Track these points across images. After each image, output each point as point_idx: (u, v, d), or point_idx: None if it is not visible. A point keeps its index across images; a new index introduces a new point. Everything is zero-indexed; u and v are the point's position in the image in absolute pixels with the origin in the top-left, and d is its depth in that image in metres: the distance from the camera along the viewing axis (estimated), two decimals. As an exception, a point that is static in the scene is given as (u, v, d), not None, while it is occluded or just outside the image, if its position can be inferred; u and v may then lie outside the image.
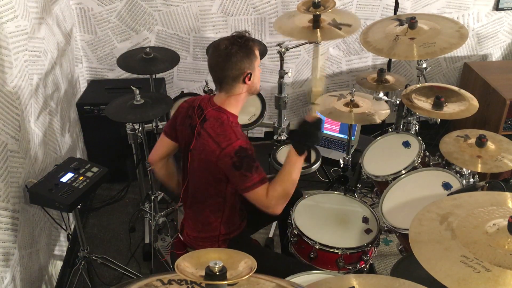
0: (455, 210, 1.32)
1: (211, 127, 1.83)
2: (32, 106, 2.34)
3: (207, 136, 1.82)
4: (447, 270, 1.13)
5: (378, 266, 2.67)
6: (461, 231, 1.23)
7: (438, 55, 2.15)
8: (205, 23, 3.31)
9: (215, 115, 1.85)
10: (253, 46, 1.85)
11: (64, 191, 2.08)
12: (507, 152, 2.03)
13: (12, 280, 2.03)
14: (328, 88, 3.66)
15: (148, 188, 2.95)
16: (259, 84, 1.94)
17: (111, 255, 2.71)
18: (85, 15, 3.19)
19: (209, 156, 1.81)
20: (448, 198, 1.43)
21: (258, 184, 1.78)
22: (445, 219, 1.29)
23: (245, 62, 1.81)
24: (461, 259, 1.14)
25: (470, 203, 1.36)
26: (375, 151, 2.47)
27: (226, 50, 1.80)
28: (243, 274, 0.84)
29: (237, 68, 1.80)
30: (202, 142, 1.84)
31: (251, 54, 1.83)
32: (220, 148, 1.77)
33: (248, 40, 1.84)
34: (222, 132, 1.80)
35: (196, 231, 2.04)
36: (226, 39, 1.85)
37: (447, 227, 1.25)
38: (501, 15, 3.50)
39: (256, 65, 1.86)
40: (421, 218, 1.32)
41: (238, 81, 1.83)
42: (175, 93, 3.51)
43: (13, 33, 2.15)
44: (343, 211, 2.17)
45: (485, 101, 3.21)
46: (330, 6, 2.34)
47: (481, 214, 1.29)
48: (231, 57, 1.79)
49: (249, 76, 1.83)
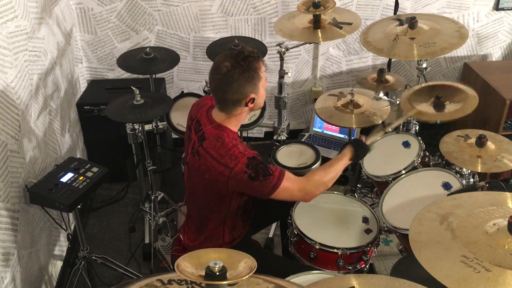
0: (455, 210, 1.32)
1: (213, 147, 1.75)
2: (32, 106, 2.34)
3: (210, 157, 1.75)
4: (448, 270, 1.13)
5: (378, 266, 2.67)
6: (461, 231, 1.23)
7: (439, 55, 2.15)
8: (205, 23, 3.31)
9: (215, 134, 1.78)
10: (257, 67, 1.73)
11: (64, 191, 2.08)
12: (507, 152, 2.03)
13: (12, 280, 2.03)
14: (328, 89, 3.66)
15: (148, 188, 2.95)
16: (263, 100, 1.86)
17: (111, 255, 2.71)
18: (85, 15, 3.19)
19: (216, 177, 1.74)
20: (448, 198, 1.43)
21: (281, 177, 1.74)
22: (445, 219, 1.29)
23: (248, 87, 1.71)
24: (461, 259, 1.14)
25: (470, 203, 1.36)
26: (375, 151, 2.45)
27: (228, 74, 1.69)
28: (243, 274, 0.84)
29: (240, 93, 1.72)
30: (205, 164, 1.76)
31: (254, 78, 1.72)
32: (229, 169, 1.71)
33: (252, 61, 1.71)
34: (226, 153, 1.73)
35: (199, 241, 2.01)
36: (228, 60, 1.71)
37: (447, 227, 1.25)
38: (501, 15, 3.50)
39: (260, 86, 1.76)
40: (421, 218, 1.33)
41: (240, 105, 1.76)
42: (175, 93, 3.51)
43: (13, 33, 2.15)
44: (343, 211, 2.17)
45: (485, 101, 3.20)
46: (330, 6, 2.34)
47: (481, 214, 1.29)
48: (233, 83, 1.70)
49: (252, 100, 1.76)
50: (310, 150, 2.52)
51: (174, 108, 2.71)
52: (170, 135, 3.49)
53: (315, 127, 3.47)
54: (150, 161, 2.80)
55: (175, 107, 2.73)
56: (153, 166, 2.82)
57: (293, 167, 2.36)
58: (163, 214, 2.91)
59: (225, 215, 1.91)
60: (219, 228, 1.95)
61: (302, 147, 2.57)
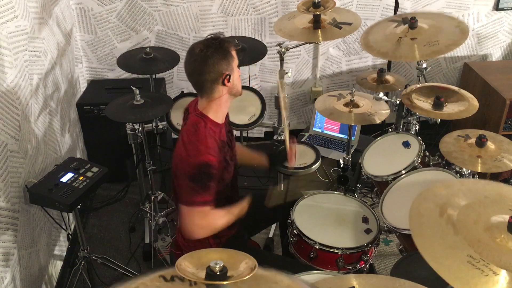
0: (452, 200, 1.29)
1: (186, 132, 1.80)
2: (32, 106, 2.34)
3: (181, 141, 1.80)
4: (456, 272, 1.11)
5: (378, 266, 2.67)
6: (463, 227, 1.20)
7: (444, 53, 2.13)
8: (205, 23, 3.31)
9: (194, 121, 1.82)
10: (229, 46, 1.80)
11: (64, 191, 2.08)
12: (507, 152, 2.03)
13: (12, 280, 2.03)
14: (328, 89, 3.66)
15: (148, 188, 2.95)
16: (240, 85, 1.90)
17: (111, 255, 2.71)
18: (85, 15, 3.19)
19: (175, 160, 1.79)
20: (441, 186, 1.40)
21: (204, 204, 1.75)
22: (444, 210, 1.26)
23: (222, 63, 1.76)
24: (468, 259, 1.12)
25: (463, 192, 1.34)
26: (375, 151, 2.47)
27: (202, 53, 1.75)
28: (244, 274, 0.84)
29: (215, 70, 1.76)
30: (177, 148, 1.81)
31: (227, 55, 1.78)
32: (187, 156, 1.74)
33: (223, 41, 1.79)
34: (194, 140, 1.76)
35: (185, 238, 1.98)
36: (201, 42, 1.80)
37: (448, 221, 1.23)
38: (501, 15, 3.50)
39: (234, 66, 1.82)
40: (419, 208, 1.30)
41: (217, 84, 1.79)
42: (175, 93, 3.51)
43: (13, 33, 2.15)
44: (343, 211, 2.17)
45: (485, 101, 3.21)
46: (330, 6, 2.34)
47: (478, 206, 1.27)
48: (207, 60, 1.75)
49: (228, 77, 1.79)
50: (310, 150, 2.53)
51: (174, 108, 2.71)
52: (170, 135, 3.49)
53: (315, 127, 3.47)
54: (150, 161, 2.81)
55: (175, 107, 2.73)
56: (153, 166, 2.82)
57: (293, 167, 2.36)
58: (163, 214, 2.91)
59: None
60: None
61: (302, 147, 2.57)
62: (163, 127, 2.90)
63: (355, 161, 2.71)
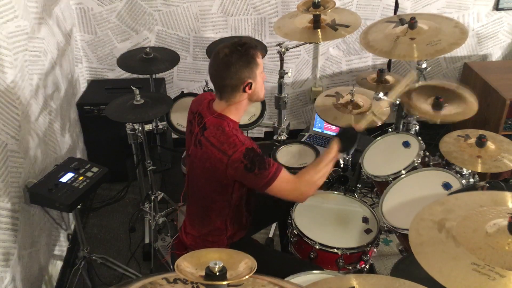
0: (448, 216, 1.31)
1: (213, 135, 1.78)
2: (32, 106, 2.34)
3: (210, 145, 1.78)
4: (463, 281, 1.11)
5: (378, 266, 2.67)
6: (463, 237, 1.22)
7: (448, 52, 2.12)
8: (205, 23, 3.31)
9: (215, 123, 1.81)
10: (254, 54, 1.78)
11: (64, 191, 2.08)
12: (507, 152, 2.03)
13: (12, 280, 2.03)
14: (328, 89, 3.66)
15: (148, 188, 2.95)
16: (262, 92, 1.88)
17: (111, 255, 2.71)
18: (85, 15, 3.19)
19: (216, 165, 1.77)
20: (436, 203, 1.41)
21: (277, 174, 1.76)
22: (442, 226, 1.28)
23: (245, 71, 1.75)
24: (473, 267, 1.13)
25: (458, 206, 1.35)
26: (375, 151, 2.46)
27: (225, 59, 1.74)
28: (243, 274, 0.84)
29: (237, 77, 1.75)
30: (206, 152, 1.79)
31: (251, 63, 1.77)
32: (227, 156, 1.73)
33: (249, 47, 1.77)
34: (225, 140, 1.76)
35: (201, 236, 2.02)
36: (227, 46, 1.78)
37: (448, 235, 1.24)
38: (501, 15, 3.50)
39: (257, 73, 1.80)
40: (418, 228, 1.31)
41: (238, 91, 1.79)
42: (175, 93, 3.51)
43: (13, 33, 2.15)
44: (343, 211, 2.17)
45: (485, 101, 3.21)
46: (330, 6, 2.34)
47: (475, 216, 1.28)
48: (230, 67, 1.74)
49: (250, 85, 1.79)
50: (310, 150, 2.53)
51: (174, 108, 2.71)
52: (170, 135, 3.49)
53: (315, 127, 3.47)
54: (150, 161, 2.80)
55: (175, 107, 2.73)
56: (153, 166, 2.82)
57: (293, 167, 2.36)
58: (163, 214, 2.91)
59: (227, 206, 1.93)
60: (221, 220, 1.96)
61: (302, 147, 2.57)
62: (163, 127, 2.90)
63: (355, 161, 2.70)
